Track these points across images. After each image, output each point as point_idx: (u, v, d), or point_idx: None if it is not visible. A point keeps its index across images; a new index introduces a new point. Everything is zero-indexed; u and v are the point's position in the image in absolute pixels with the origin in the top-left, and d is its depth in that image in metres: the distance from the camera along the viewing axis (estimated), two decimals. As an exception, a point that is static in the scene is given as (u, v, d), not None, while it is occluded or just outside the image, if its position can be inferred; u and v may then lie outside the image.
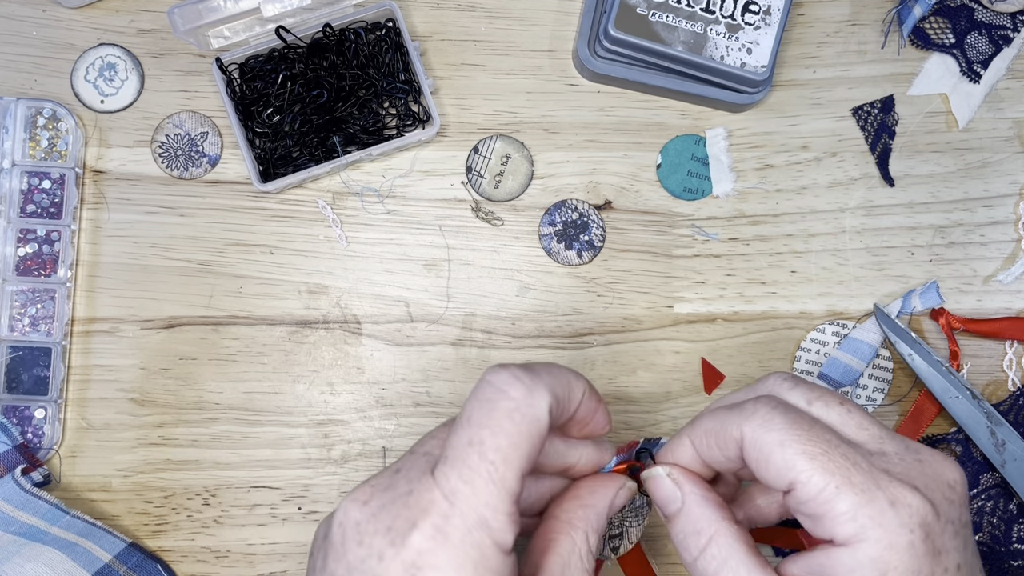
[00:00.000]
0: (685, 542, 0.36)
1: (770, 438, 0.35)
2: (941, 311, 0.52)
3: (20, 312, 0.51)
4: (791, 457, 0.34)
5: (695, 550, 0.36)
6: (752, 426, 0.35)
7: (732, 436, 0.36)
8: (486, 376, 0.34)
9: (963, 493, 0.35)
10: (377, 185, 0.53)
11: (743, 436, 0.35)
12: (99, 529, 0.48)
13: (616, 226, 0.53)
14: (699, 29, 0.50)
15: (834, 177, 0.53)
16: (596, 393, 0.39)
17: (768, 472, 0.35)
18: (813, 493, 0.34)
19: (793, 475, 0.34)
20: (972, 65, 0.54)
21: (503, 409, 0.33)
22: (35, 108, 0.51)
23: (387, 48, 0.51)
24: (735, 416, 0.36)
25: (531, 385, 0.34)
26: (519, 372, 0.34)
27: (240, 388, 0.52)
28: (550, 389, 0.34)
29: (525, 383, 0.34)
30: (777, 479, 0.34)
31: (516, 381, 0.34)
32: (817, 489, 0.33)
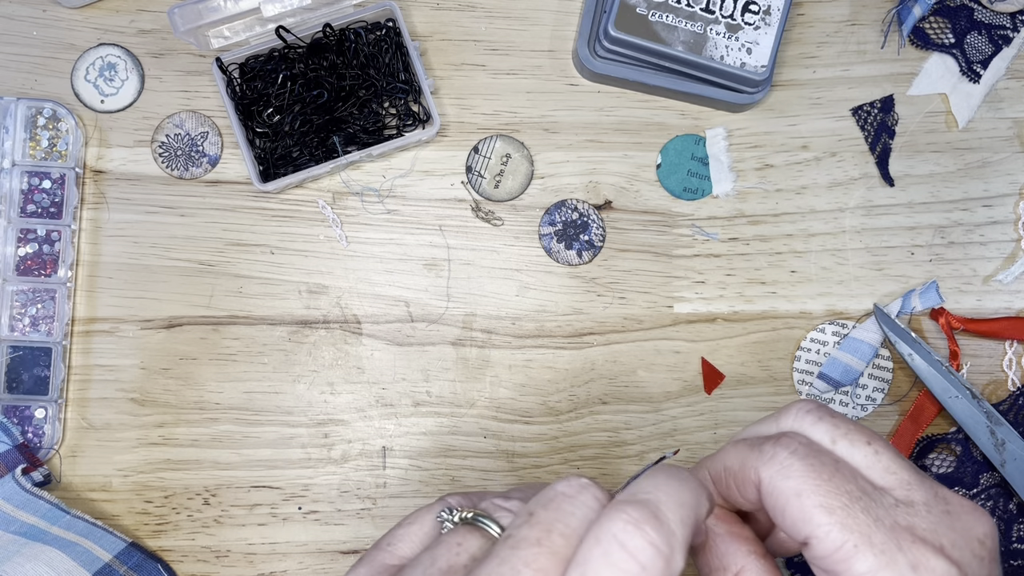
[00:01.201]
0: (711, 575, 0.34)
1: (787, 486, 0.32)
2: (941, 311, 0.52)
3: (20, 312, 0.51)
4: (808, 509, 0.31)
5: None
6: (770, 472, 0.32)
7: (751, 479, 0.33)
8: (605, 525, 0.27)
9: (993, 548, 0.33)
10: (377, 185, 0.53)
11: (760, 480, 0.33)
12: (99, 529, 0.48)
13: (616, 226, 0.53)
14: (699, 29, 0.50)
15: (834, 177, 0.53)
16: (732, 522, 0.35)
17: (784, 522, 0.32)
18: (830, 550, 0.31)
19: (809, 529, 0.31)
20: (972, 65, 0.54)
21: None
22: (35, 108, 0.51)
23: (387, 48, 0.51)
24: (754, 457, 0.33)
25: (668, 552, 0.27)
26: (650, 530, 0.27)
27: (240, 388, 0.52)
28: (685, 540, 0.29)
29: (661, 550, 0.27)
30: (793, 530, 0.32)
31: (650, 548, 0.27)
32: (834, 546, 0.31)
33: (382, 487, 0.51)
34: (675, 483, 0.30)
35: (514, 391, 0.52)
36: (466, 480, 0.52)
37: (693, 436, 0.52)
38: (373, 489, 0.51)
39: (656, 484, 0.29)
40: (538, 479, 0.52)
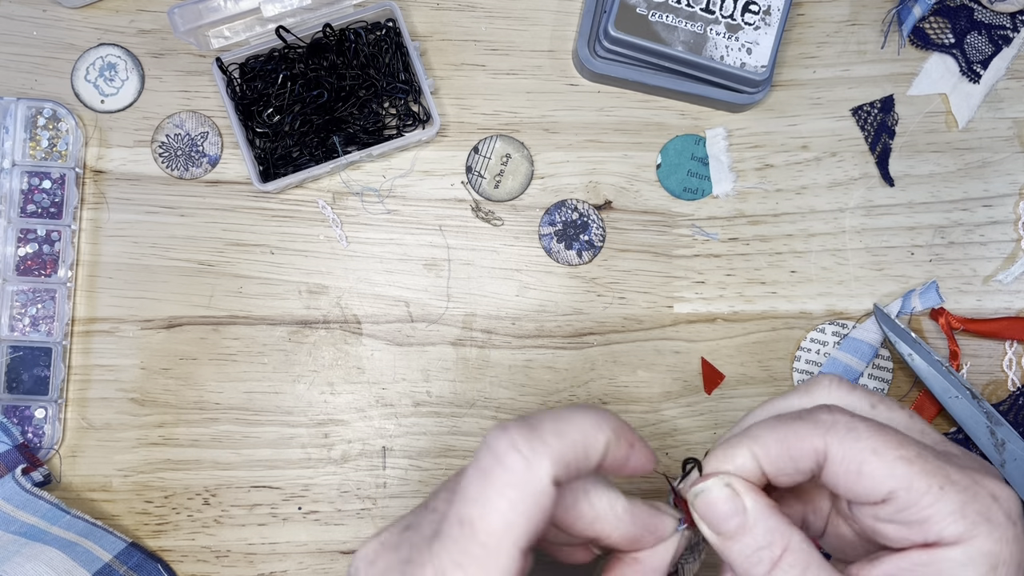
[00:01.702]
0: (753, 558, 0.33)
1: (861, 446, 0.32)
2: (941, 311, 0.52)
3: (20, 312, 0.51)
4: (890, 463, 0.32)
5: (767, 564, 0.33)
6: (837, 437, 0.33)
7: (810, 448, 0.33)
8: (486, 440, 0.32)
9: None
10: (377, 185, 0.53)
11: (827, 448, 0.33)
12: (99, 529, 0.48)
13: (616, 226, 0.53)
14: (699, 29, 0.50)
15: (834, 177, 0.53)
16: (628, 435, 0.35)
17: (860, 483, 0.33)
18: (916, 498, 0.32)
19: (893, 482, 0.32)
20: (972, 65, 0.54)
21: (497, 484, 0.31)
22: (35, 108, 0.51)
23: (387, 48, 0.51)
24: (810, 427, 0.33)
25: (530, 455, 0.31)
26: (518, 438, 0.31)
27: (240, 388, 0.52)
28: (556, 457, 0.31)
29: (523, 453, 0.31)
30: (872, 490, 0.32)
31: (513, 451, 0.31)
32: (920, 493, 0.32)
33: (382, 487, 0.51)
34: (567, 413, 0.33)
35: (514, 391, 0.52)
36: (466, 480, 0.52)
37: (693, 436, 0.52)
38: (373, 489, 0.51)
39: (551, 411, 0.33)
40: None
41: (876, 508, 0.33)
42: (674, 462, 0.52)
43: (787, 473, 0.34)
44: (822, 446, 0.33)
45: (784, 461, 0.34)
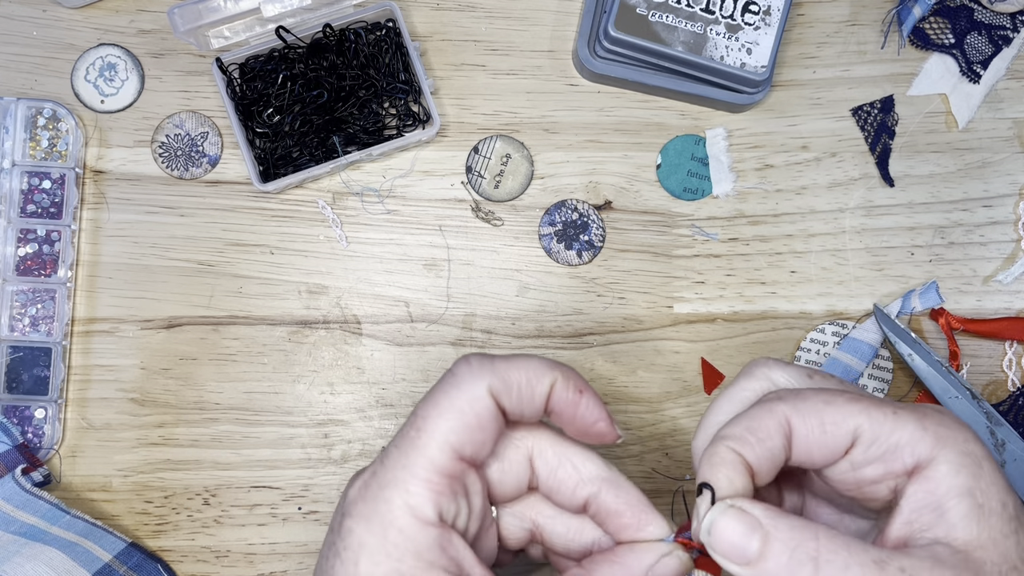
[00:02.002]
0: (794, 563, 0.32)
1: (814, 402, 0.35)
2: (941, 311, 0.52)
3: (20, 312, 0.51)
4: (843, 406, 0.34)
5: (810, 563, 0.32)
6: (791, 405, 0.35)
7: (775, 424, 0.35)
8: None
9: None
10: (377, 185, 0.53)
11: (788, 418, 0.35)
12: (99, 529, 0.48)
13: (616, 226, 0.53)
14: (699, 29, 0.50)
15: (834, 177, 0.53)
16: (578, 385, 0.38)
17: (825, 435, 0.34)
18: (878, 427, 0.34)
19: (853, 421, 0.34)
20: (972, 65, 0.54)
21: (442, 386, 0.36)
22: (35, 108, 0.51)
23: (387, 48, 0.51)
24: (766, 409, 0.35)
25: (475, 366, 0.36)
26: (472, 357, 0.37)
27: (240, 388, 0.52)
28: (499, 373, 0.36)
29: (471, 363, 0.36)
30: (838, 435, 0.34)
31: (463, 363, 0.36)
32: (879, 421, 0.34)
33: (382, 487, 0.51)
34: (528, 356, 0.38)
35: (514, 391, 0.52)
36: (466, 480, 0.52)
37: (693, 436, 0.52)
38: (373, 489, 0.51)
39: None
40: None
41: (850, 456, 0.34)
42: (674, 463, 0.52)
43: (766, 460, 0.35)
44: (783, 418, 0.35)
45: (760, 448, 0.35)
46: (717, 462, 0.34)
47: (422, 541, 0.34)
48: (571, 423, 0.38)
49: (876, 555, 0.32)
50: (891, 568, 0.31)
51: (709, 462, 0.35)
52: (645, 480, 0.52)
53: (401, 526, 0.34)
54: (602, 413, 0.39)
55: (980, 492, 0.33)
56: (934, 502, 0.33)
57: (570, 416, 0.38)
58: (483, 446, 0.36)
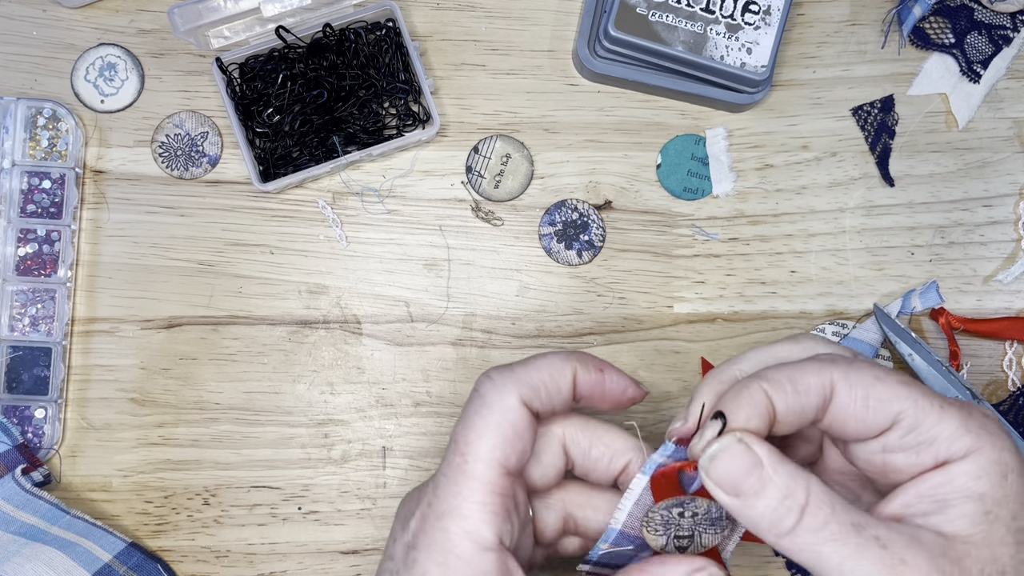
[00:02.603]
0: (781, 509, 0.33)
1: (865, 375, 0.34)
2: (941, 311, 0.52)
3: (20, 312, 0.51)
4: (893, 387, 0.34)
5: (796, 512, 0.33)
6: (841, 370, 0.34)
7: (818, 383, 0.34)
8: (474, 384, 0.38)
9: None
10: (377, 185, 0.53)
11: (834, 383, 0.34)
12: (99, 529, 0.48)
13: (616, 226, 0.53)
14: (699, 29, 0.50)
15: (834, 177, 0.53)
16: (597, 365, 0.40)
17: (867, 410, 0.34)
18: (922, 417, 0.34)
19: (898, 405, 0.34)
20: (972, 65, 0.54)
21: (473, 407, 0.37)
22: (35, 108, 0.51)
23: (387, 48, 0.51)
24: (816, 365, 0.35)
25: (499, 381, 0.37)
26: (492, 371, 0.38)
27: (240, 388, 0.52)
28: (522, 381, 0.37)
29: (494, 379, 0.37)
30: (880, 414, 0.34)
31: (486, 380, 0.38)
32: (925, 411, 0.33)
33: (382, 487, 0.51)
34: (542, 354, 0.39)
35: (514, 391, 0.52)
36: (466, 480, 0.52)
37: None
38: (373, 489, 0.51)
39: None
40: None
41: (884, 437, 0.34)
42: (674, 462, 0.52)
43: (795, 412, 0.35)
44: (828, 381, 0.34)
45: (794, 399, 0.34)
46: (744, 397, 0.34)
47: (482, 568, 0.35)
48: (602, 400, 0.40)
49: (856, 519, 0.33)
50: (867, 534, 0.32)
51: (736, 395, 0.35)
52: (645, 480, 0.52)
53: (460, 553, 0.35)
54: (626, 379, 0.40)
55: (993, 501, 0.33)
56: (941, 496, 0.33)
57: (600, 395, 0.40)
58: (524, 454, 0.37)
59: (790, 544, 0.33)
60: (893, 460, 0.34)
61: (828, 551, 0.32)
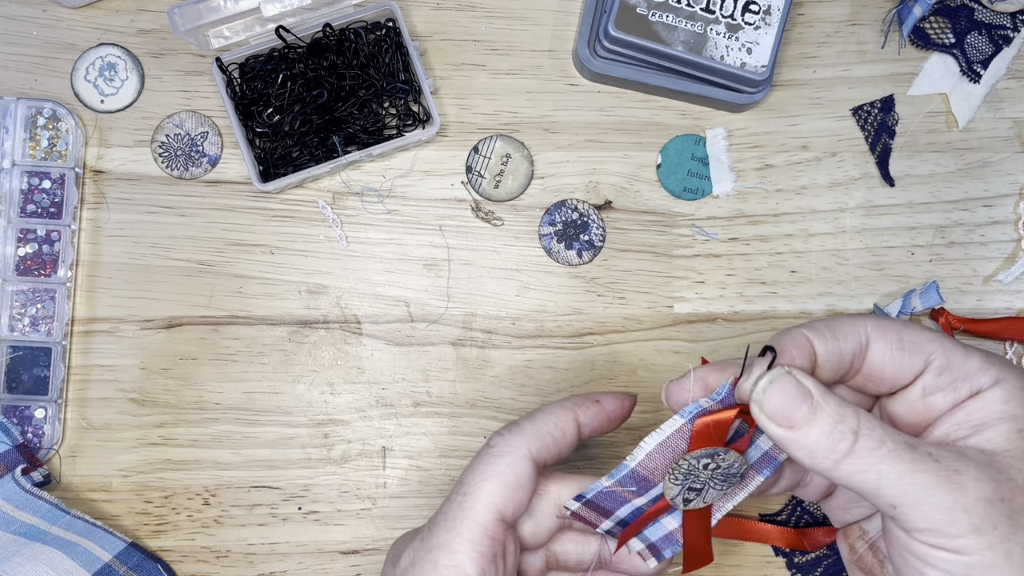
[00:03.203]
0: (835, 434, 0.34)
1: (896, 325, 0.37)
2: (941, 311, 0.52)
3: (20, 312, 0.51)
4: (920, 332, 0.37)
5: (850, 436, 0.34)
6: (875, 322, 0.37)
7: (855, 331, 0.37)
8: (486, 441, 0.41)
9: None
10: (377, 185, 0.53)
11: (869, 332, 0.37)
12: (99, 529, 0.48)
13: (616, 226, 0.53)
14: (699, 29, 0.50)
15: (834, 177, 0.53)
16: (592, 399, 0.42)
17: (902, 351, 0.37)
18: (951, 356, 0.37)
19: (929, 347, 0.37)
20: (972, 65, 0.54)
21: (483, 456, 0.40)
22: (35, 108, 0.51)
23: (387, 48, 0.51)
24: (851, 319, 0.38)
25: (509, 436, 0.40)
26: (504, 430, 0.40)
27: (240, 388, 0.52)
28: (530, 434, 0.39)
29: (504, 435, 0.40)
30: (911, 356, 0.37)
31: (498, 437, 0.40)
32: (953, 352, 0.37)
33: (382, 487, 0.51)
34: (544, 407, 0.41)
35: (514, 391, 0.52)
36: (466, 480, 0.52)
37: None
38: (373, 489, 0.51)
39: None
40: (538, 479, 0.52)
41: (921, 380, 0.37)
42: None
43: (835, 357, 0.37)
44: (863, 330, 0.37)
45: (833, 344, 0.37)
46: (788, 339, 0.37)
47: None
48: (608, 424, 0.42)
49: (907, 438, 0.34)
50: (921, 450, 0.34)
51: (781, 337, 0.37)
52: (645, 480, 0.52)
53: None
54: (618, 396, 0.43)
55: None
56: (977, 421, 0.36)
57: (603, 421, 0.42)
58: (521, 505, 0.39)
59: (849, 466, 0.34)
60: (933, 401, 0.37)
61: (886, 468, 0.33)
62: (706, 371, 0.38)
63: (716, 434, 0.36)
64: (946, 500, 0.33)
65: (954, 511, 0.33)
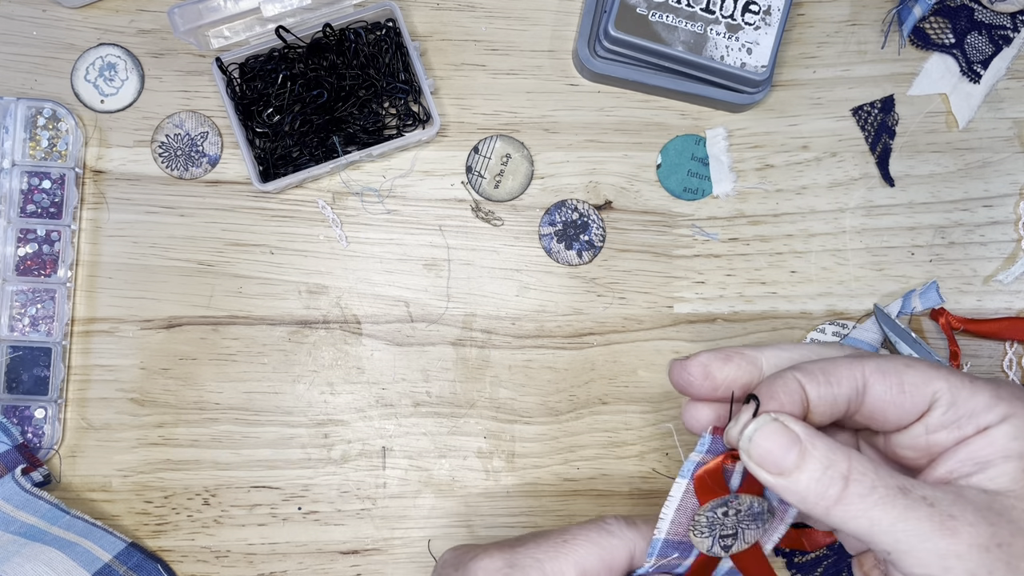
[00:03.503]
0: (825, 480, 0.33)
1: (896, 364, 0.36)
2: (941, 311, 0.52)
3: (20, 312, 0.51)
4: (924, 371, 0.35)
5: (839, 481, 0.33)
6: (874, 363, 0.36)
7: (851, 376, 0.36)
8: None
9: None
10: (377, 185, 0.53)
11: (867, 376, 0.35)
12: (99, 529, 0.48)
13: (616, 226, 0.53)
14: (699, 29, 0.50)
15: (834, 177, 0.53)
16: None
17: (904, 395, 0.35)
18: (956, 392, 0.35)
19: (933, 385, 0.35)
20: (972, 65, 0.54)
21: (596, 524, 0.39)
22: (35, 108, 0.51)
23: (387, 48, 0.51)
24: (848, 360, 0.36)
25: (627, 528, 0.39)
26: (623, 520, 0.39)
27: (240, 388, 0.52)
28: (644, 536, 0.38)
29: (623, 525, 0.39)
30: (913, 398, 0.35)
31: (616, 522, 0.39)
32: (958, 388, 0.35)
33: (382, 487, 0.51)
34: None
35: (514, 391, 0.52)
36: (465, 480, 0.52)
37: (693, 436, 0.52)
38: (373, 489, 0.51)
39: None
40: (538, 479, 0.52)
41: (926, 419, 0.35)
42: (674, 462, 0.52)
43: (828, 402, 0.35)
44: (860, 374, 0.35)
45: (826, 389, 0.35)
46: (779, 384, 0.35)
47: None
48: None
49: (901, 482, 0.33)
50: (914, 495, 0.33)
51: (770, 382, 0.35)
52: (644, 480, 0.52)
53: None
54: None
55: None
56: (981, 458, 0.34)
57: None
58: None
59: (841, 513, 0.33)
60: (937, 439, 0.36)
61: (878, 514, 0.33)
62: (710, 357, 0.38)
63: (714, 483, 0.36)
64: (939, 547, 0.32)
65: (948, 558, 0.32)
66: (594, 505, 0.52)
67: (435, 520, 0.51)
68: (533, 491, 0.52)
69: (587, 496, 0.52)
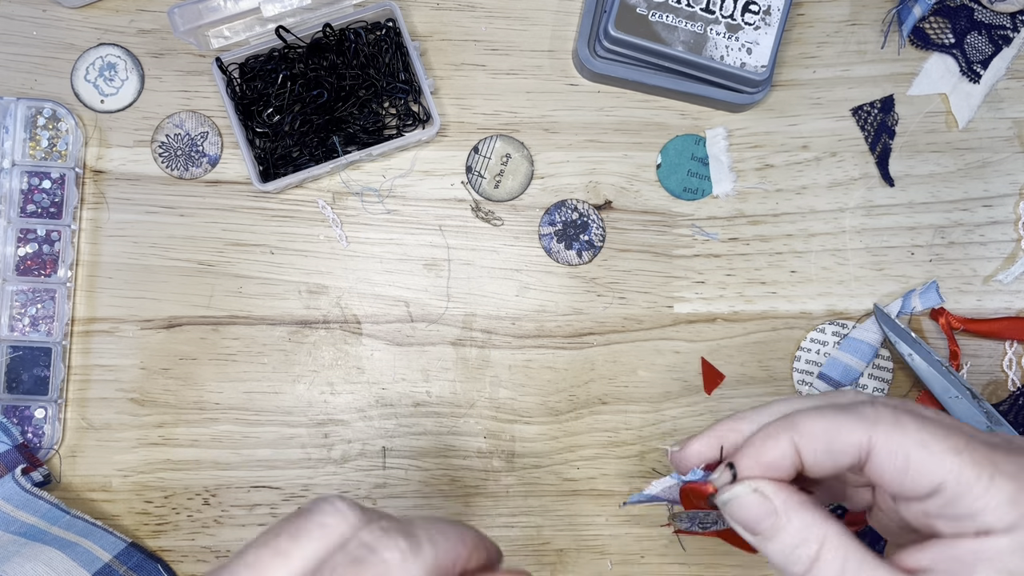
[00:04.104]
0: (792, 556, 0.33)
1: (908, 440, 0.32)
2: (941, 311, 0.52)
3: (20, 312, 0.51)
4: (938, 455, 0.32)
5: (805, 561, 0.33)
6: (883, 431, 0.32)
7: (854, 442, 0.33)
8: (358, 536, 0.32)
9: None
10: (377, 185, 0.53)
11: (872, 444, 0.33)
12: (99, 529, 0.48)
13: (616, 226, 0.53)
14: (699, 29, 0.50)
15: (834, 177, 0.53)
16: None
17: (907, 477, 0.32)
18: (965, 489, 0.32)
19: (942, 475, 0.32)
20: (972, 65, 0.54)
21: None
22: (35, 108, 0.51)
23: (387, 48, 0.51)
24: (854, 420, 0.33)
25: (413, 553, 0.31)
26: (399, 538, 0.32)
27: (240, 388, 0.52)
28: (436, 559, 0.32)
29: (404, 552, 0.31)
30: (919, 483, 0.32)
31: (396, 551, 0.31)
32: (969, 484, 0.31)
33: (382, 487, 0.51)
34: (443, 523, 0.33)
35: (514, 391, 0.52)
36: (466, 480, 0.52)
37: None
38: (373, 489, 0.51)
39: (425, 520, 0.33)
40: (538, 479, 0.52)
41: (924, 503, 0.33)
42: (674, 462, 0.52)
43: (824, 466, 0.34)
44: (866, 441, 0.33)
45: (823, 454, 0.33)
46: (768, 448, 0.34)
47: None
48: None
49: (877, 567, 0.32)
50: None
51: (762, 443, 0.34)
52: (644, 480, 0.52)
53: None
54: None
55: None
56: (971, 561, 0.32)
57: None
58: None
59: None
60: (933, 522, 0.33)
61: None
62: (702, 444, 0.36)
63: (696, 500, 0.36)
64: None
65: None
66: (594, 505, 0.52)
67: (435, 520, 0.51)
68: (533, 491, 0.52)
69: (587, 496, 0.52)
